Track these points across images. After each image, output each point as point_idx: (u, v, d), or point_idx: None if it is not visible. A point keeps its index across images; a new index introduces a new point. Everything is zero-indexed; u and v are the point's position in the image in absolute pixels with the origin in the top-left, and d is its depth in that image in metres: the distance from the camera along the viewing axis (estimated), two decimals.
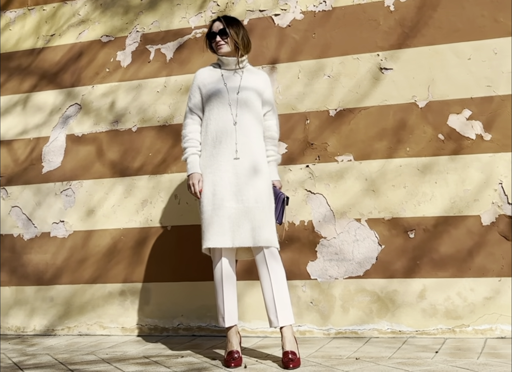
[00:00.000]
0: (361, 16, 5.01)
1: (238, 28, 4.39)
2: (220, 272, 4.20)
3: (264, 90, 4.43)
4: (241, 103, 4.30)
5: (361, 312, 4.74)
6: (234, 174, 4.18)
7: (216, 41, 4.34)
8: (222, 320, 4.19)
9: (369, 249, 4.76)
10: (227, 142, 4.23)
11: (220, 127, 4.26)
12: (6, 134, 5.88)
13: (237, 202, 4.15)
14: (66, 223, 5.54)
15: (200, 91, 4.38)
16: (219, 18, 4.41)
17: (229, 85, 4.34)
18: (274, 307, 4.10)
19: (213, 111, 4.30)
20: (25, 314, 5.57)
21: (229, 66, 4.40)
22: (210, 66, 4.48)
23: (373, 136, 4.84)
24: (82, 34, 5.79)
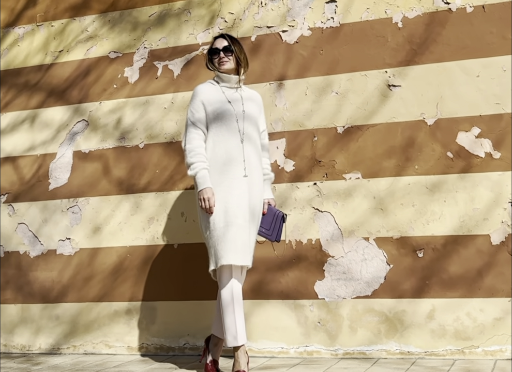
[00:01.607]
0: (369, 32, 4.99)
1: (240, 46, 4.49)
2: (231, 291, 4.17)
3: (260, 109, 4.57)
4: (246, 120, 4.37)
5: (369, 332, 4.70)
6: (244, 192, 4.23)
7: (220, 57, 4.39)
8: (234, 338, 4.14)
9: (377, 268, 4.72)
10: (236, 160, 4.28)
11: (229, 144, 4.30)
12: (14, 151, 5.88)
13: (248, 220, 4.20)
14: (72, 241, 5.53)
15: (204, 107, 4.38)
16: (222, 35, 4.49)
17: (234, 102, 4.39)
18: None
19: (221, 128, 4.33)
20: (31, 332, 5.55)
21: (229, 83, 4.45)
22: (209, 83, 4.51)
23: (381, 153, 4.81)
24: (90, 50, 5.80)
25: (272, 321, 4.89)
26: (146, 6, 5.68)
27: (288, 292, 4.89)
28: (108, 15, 5.80)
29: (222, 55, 4.39)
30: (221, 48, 4.41)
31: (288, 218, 4.87)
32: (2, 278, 5.71)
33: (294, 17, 5.22)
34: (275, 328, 4.87)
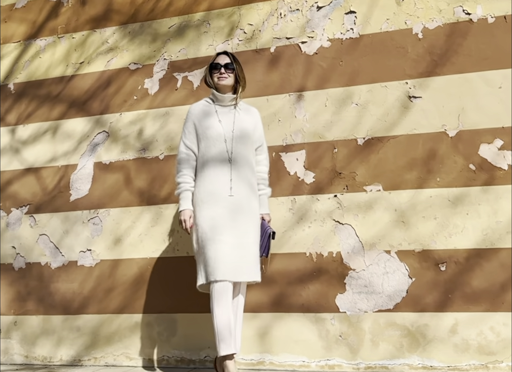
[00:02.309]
0: (389, 43, 4.83)
1: (241, 65, 4.51)
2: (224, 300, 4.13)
3: (256, 126, 4.50)
4: (236, 139, 4.34)
5: (392, 346, 4.51)
6: (229, 210, 4.21)
7: (220, 72, 4.40)
8: (227, 346, 4.10)
9: (399, 282, 4.54)
10: (223, 179, 4.27)
11: (215, 163, 4.29)
12: (36, 162, 5.75)
13: (232, 237, 4.17)
14: (93, 252, 5.38)
15: (195, 126, 4.41)
16: (225, 52, 4.51)
17: (224, 122, 4.38)
18: (235, 335, 4.19)
19: (209, 148, 4.33)
20: (52, 344, 5.40)
21: (223, 102, 4.44)
22: (204, 101, 4.52)
23: (403, 165, 4.64)
24: (111, 62, 5.67)
25: (293, 334, 4.72)
26: (165, 18, 5.56)
27: (309, 305, 4.72)
28: (129, 27, 5.68)
29: (222, 71, 4.41)
30: (222, 64, 4.43)
31: (309, 230, 4.73)
32: (24, 289, 5.57)
33: (313, 28, 5.06)
34: (296, 342, 4.70)
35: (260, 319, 4.79)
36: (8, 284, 5.62)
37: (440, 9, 4.73)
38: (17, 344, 5.51)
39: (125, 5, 5.74)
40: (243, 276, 4.17)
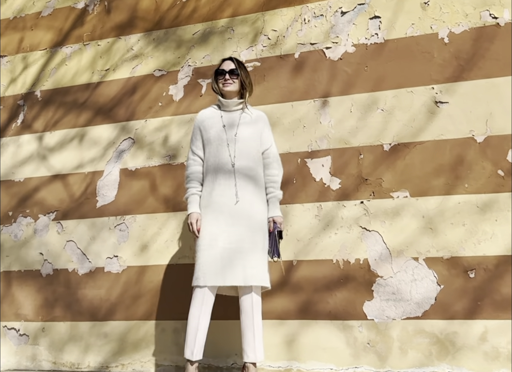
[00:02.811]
0: (414, 48, 4.69)
1: (247, 71, 4.45)
2: (200, 304, 4.15)
3: (262, 129, 4.40)
4: (239, 144, 4.27)
5: (420, 354, 4.37)
6: (231, 216, 4.17)
7: (225, 79, 4.35)
8: (191, 353, 4.13)
9: (427, 289, 4.39)
10: (226, 184, 4.22)
11: (219, 168, 4.24)
12: (63, 168, 5.67)
13: (230, 243, 4.12)
14: (120, 258, 5.28)
15: (200, 132, 4.38)
16: (230, 58, 4.46)
17: (228, 126, 4.32)
18: (254, 343, 4.15)
19: (212, 153, 4.29)
20: (80, 350, 5.30)
21: (228, 108, 4.39)
22: (211, 108, 4.50)
23: (430, 171, 4.49)
24: (136, 68, 5.58)
25: (321, 341, 4.59)
26: (190, 25, 5.47)
27: (336, 312, 4.58)
28: (153, 34, 5.59)
29: (227, 77, 4.36)
30: (227, 70, 4.38)
31: (335, 237, 4.61)
32: (52, 296, 5.48)
33: (338, 33, 4.94)
34: (323, 349, 4.56)
35: (288, 326, 4.66)
36: (35, 291, 5.53)
37: (467, 13, 4.58)
38: (45, 350, 5.42)
39: (150, 12, 5.65)
40: (232, 281, 4.10)
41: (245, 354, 4.18)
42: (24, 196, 5.78)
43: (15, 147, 5.92)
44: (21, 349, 5.50)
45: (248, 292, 4.18)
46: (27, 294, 5.57)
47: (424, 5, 4.73)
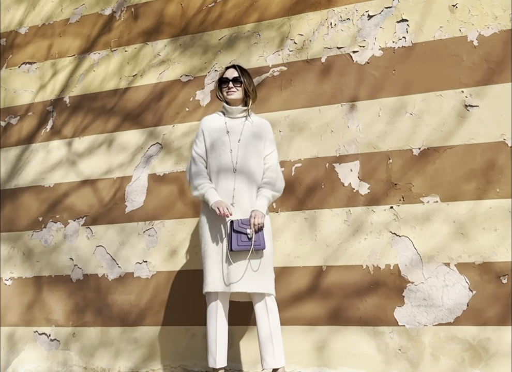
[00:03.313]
0: (443, 52, 4.55)
1: (250, 78, 4.37)
2: (215, 312, 4.12)
3: (265, 136, 4.32)
4: (241, 150, 4.21)
5: (453, 360, 4.23)
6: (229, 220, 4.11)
7: (228, 87, 4.29)
8: (214, 361, 4.08)
9: (459, 295, 4.25)
10: (226, 188, 4.17)
11: (220, 173, 4.20)
12: (92, 174, 5.59)
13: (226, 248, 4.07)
14: (149, 264, 5.19)
15: (204, 137, 4.32)
16: (233, 66, 4.39)
17: (231, 133, 4.27)
18: (273, 348, 4.05)
19: (214, 157, 4.24)
20: (110, 355, 5.23)
21: (233, 114, 4.34)
22: (216, 114, 4.44)
23: (460, 176, 4.35)
24: (163, 74, 5.49)
25: (352, 347, 4.47)
26: (216, 30, 5.36)
27: (367, 318, 4.46)
28: (180, 39, 5.49)
29: (230, 85, 4.31)
30: (230, 78, 4.32)
31: (365, 243, 4.50)
32: (82, 301, 5.41)
33: (365, 37, 4.80)
34: (354, 355, 4.44)
35: (318, 332, 4.55)
36: (66, 296, 5.47)
37: (496, 15, 4.43)
38: (76, 355, 5.35)
39: (176, 18, 5.55)
40: (236, 287, 4.04)
41: (264, 361, 4.09)
42: (53, 202, 5.72)
43: (45, 153, 5.86)
44: (52, 354, 5.44)
45: (260, 298, 4.10)
46: (57, 299, 5.50)
47: (452, 8, 4.58)
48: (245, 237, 4.04)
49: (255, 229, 4.05)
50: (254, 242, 4.03)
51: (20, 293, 5.66)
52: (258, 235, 4.06)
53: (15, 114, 6.12)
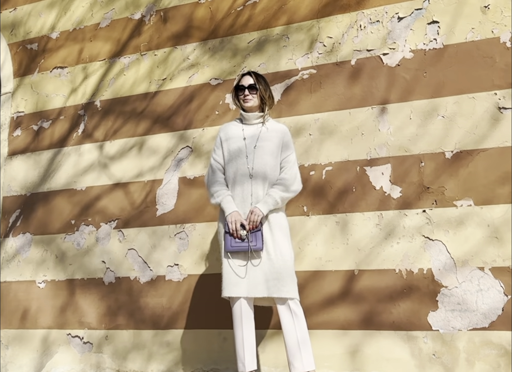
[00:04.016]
0: (475, 53, 4.42)
1: (266, 84, 4.28)
2: (240, 316, 4.00)
3: (281, 140, 4.23)
4: (257, 155, 4.12)
5: (488, 366, 4.10)
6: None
7: (244, 94, 4.22)
8: (242, 365, 3.96)
9: (494, 299, 4.12)
10: (243, 194, 4.09)
11: (237, 179, 4.13)
12: (123, 177, 5.52)
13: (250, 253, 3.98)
14: (180, 267, 5.11)
15: (221, 144, 4.27)
16: (249, 73, 4.30)
17: (248, 139, 4.20)
18: (300, 352, 3.92)
19: (231, 164, 4.17)
20: (143, 358, 5.15)
21: (250, 121, 4.27)
22: (234, 121, 4.38)
23: (494, 179, 4.22)
24: (192, 77, 5.41)
25: (385, 352, 4.36)
26: (245, 33, 5.28)
27: (400, 323, 4.34)
28: (209, 43, 5.41)
29: (246, 93, 4.22)
30: (246, 85, 4.24)
31: (397, 247, 4.39)
32: (114, 304, 5.34)
33: (395, 39, 4.68)
34: (388, 360, 4.33)
35: (350, 336, 4.44)
36: (98, 299, 5.41)
37: None
38: (109, 358, 5.29)
39: (205, 22, 5.47)
40: (255, 292, 3.96)
41: (292, 366, 3.95)
42: (85, 205, 5.66)
43: (77, 156, 5.81)
44: (85, 356, 5.38)
45: (282, 302, 3.99)
46: (90, 302, 5.45)
47: (484, 9, 4.45)
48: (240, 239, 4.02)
49: (250, 226, 4.00)
50: (250, 242, 3.97)
51: (53, 296, 5.62)
52: (255, 235, 3.99)
53: (47, 118, 6.08)
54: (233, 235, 4.02)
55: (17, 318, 5.72)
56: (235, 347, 4.02)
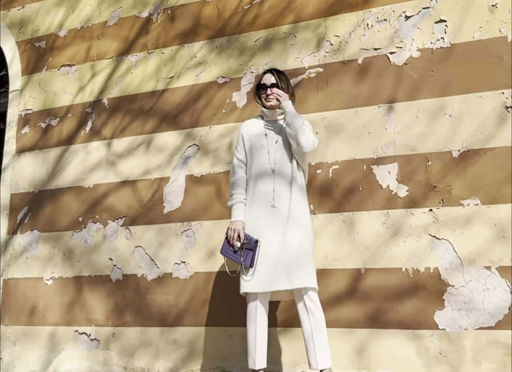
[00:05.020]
0: (483, 52, 4.38)
1: (288, 81, 4.24)
2: (254, 313, 3.99)
3: None
4: (279, 151, 4.10)
5: (495, 365, 4.07)
6: (270, 221, 4.02)
7: (267, 94, 4.17)
8: (253, 362, 3.95)
9: (500, 298, 4.09)
10: (265, 190, 4.06)
11: (259, 175, 4.10)
12: (131, 175, 5.51)
13: (272, 248, 3.94)
14: (187, 264, 5.09)
15: (243, 141, 4.24)
16: (270, 71, 4.24)
17: (270, 135, 4.18)
18: (314, 350, 3.89)
19: (254, 161, 4.15)
20: (150, 355, 5.14)
21: (271, 117, 4.24)
22: (255, 118, 4.34)
23: (502, 178, 4.19)
24: (199, 76, 5.39)
25: (391, 351, 4.33)
26: (252, 32, 5.26)
27: (406, 321, 4.32)
28: (216, 41, 5.39)
29: (269, 92, 4.17)
30: (268, 84, 4.19)
31: (404, 245, 4.38)
32: (121, 301, 5.33)
33: (402, 38, 4.66)
34: (394, 359, 4.31)
35: (357, 334, 4.42)
36: (105, 296, 5.40)
37: None
38: (116, 355, 5.27)
39: (213, 20, 5.45)
40: (277, 285, 3.90)
41: (309, 363, 3.95)
42: (93, 202, 5.65)
43: (84, 154, 5.80)
44: (92, 353, 5.37)
45: (300, 297, 3.96)
46: (97, 299, 5.44)
47: (492, 8, 4.41)
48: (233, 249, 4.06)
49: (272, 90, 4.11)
50: (241, 257, 3.99)
51: (61, 292, 5.61)
52: (246, 253, 3.98)
53: (55, 115, 6.07)
54: (228, 242, 4.06)
55: (25, 315, 5.72)
56: (247, 343, 4.01)
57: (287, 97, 4.12)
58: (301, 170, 4.18)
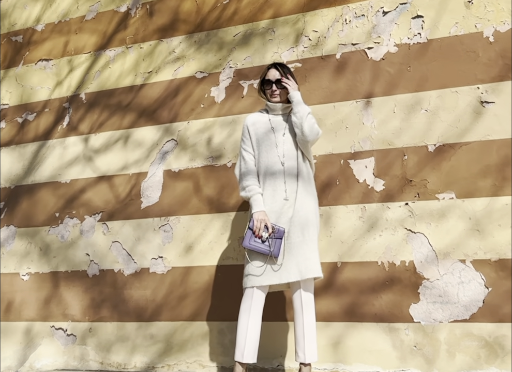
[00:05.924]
0: (459, 48, 4.47)
1: (292, 75, 4.24)
2: (249, 306, 3.96)
3: None
4: (287, 144, 4.13)
5: (469, 357, 4.16)
6: (281, 215, 4.03)
7: (272, 90, 4.19)
8: (241, 355, 3.92)
9: (475, 291, 4.18)
10: (276, 183, 4.07)
11: (269, 169, 4.10)
12: (108, 170, 5.54)
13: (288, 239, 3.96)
14: (165, 259, 5.14)
15: (249, 134, 4.22)
16: (275, 66, 4.24)
17: (276, 128, 4.19)
18: (304, 343, 3.94)
19: (262, 154, 4.15)
20: (126, 350, 5.18)
21: (276, 111, 4.25)
22: (259, 112, 4.34)
23: (476, 172, 4.27)
24: (178, 70, 5.43)
25: (367, 344, 4.41)
26: (231, 27, 5.30)
27: (382, 314, 4.39)
28: (195, 36, 5.43)
29: (274, 88, 4.19)
30: (273, 80, 4.19)
31: (380, 239, 4.46)
32: (98, 296, 5.37)
33: (380, 33, 4.73)
34: (370, 352, 4.38)
35: (333, 328, 4.49)
36: (82, 291, 5.43)
37: None
38: (92, 350, 5.31)
39: (192, 15, 5.49)
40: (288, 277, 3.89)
41: (296, 354, 3.98)
42: (70, 197, 5.68)
43: (61, 149, 5.82)
44: (69, 349, 5.41)
45: (297, 289, 3.97)
46: (74, 295, 5.47)
47: (468, 3, 4.50)
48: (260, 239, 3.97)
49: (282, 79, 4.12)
50: (270, 247, 3.92)
51: (37, 288, 5.64)
52: (275, 242, 3.93)
53: (32, 110, 6.09)
54: (254, 233, 3.98)
55: (1, 310, 5.73)
56: (236, 335, 3.96)
57: (296, 87, 4.16)
58: (307, 161, 4.18)
